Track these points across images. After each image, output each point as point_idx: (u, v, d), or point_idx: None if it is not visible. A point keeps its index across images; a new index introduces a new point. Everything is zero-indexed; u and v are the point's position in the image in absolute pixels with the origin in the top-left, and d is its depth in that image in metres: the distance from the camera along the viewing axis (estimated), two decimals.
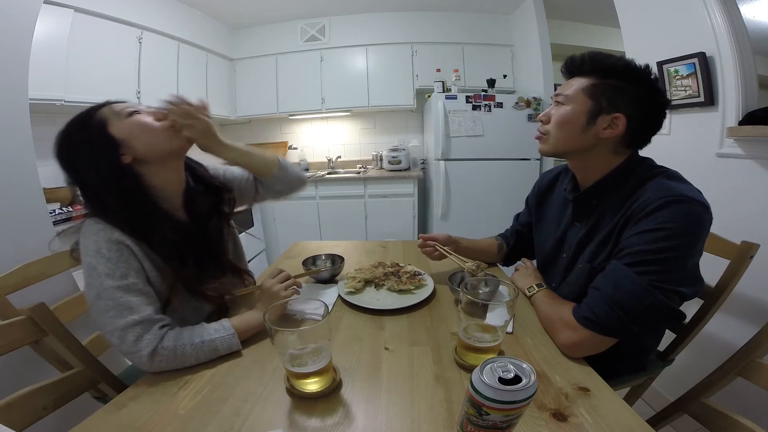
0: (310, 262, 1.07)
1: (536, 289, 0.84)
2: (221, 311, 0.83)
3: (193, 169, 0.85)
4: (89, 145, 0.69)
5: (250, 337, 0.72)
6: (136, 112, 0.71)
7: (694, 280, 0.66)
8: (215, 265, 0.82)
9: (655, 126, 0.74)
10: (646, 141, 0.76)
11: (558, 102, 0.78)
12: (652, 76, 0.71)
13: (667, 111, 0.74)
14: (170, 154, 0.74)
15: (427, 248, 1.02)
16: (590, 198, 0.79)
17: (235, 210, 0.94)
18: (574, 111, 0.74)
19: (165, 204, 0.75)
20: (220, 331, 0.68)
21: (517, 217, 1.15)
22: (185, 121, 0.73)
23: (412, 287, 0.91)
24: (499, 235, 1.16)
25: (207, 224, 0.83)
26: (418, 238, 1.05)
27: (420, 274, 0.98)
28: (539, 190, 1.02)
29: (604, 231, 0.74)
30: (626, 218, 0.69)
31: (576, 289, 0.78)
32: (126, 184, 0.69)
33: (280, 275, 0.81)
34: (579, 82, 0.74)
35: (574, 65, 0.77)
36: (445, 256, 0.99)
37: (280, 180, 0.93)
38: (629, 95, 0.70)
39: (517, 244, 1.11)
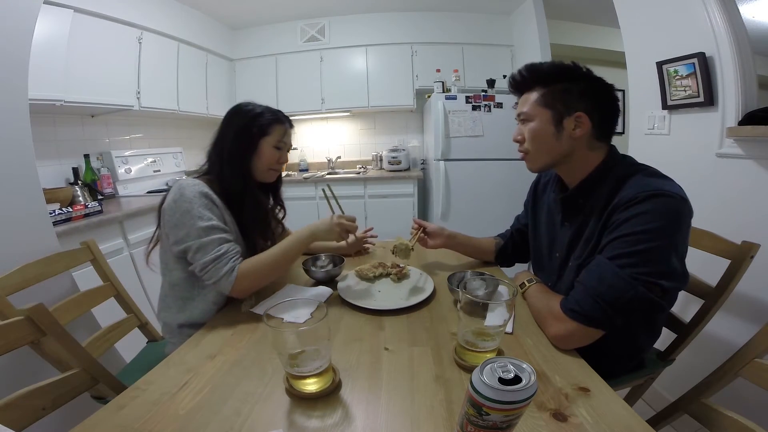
0: (310, 262, 1.07)
1: (527, 284, 0.85)
2: None
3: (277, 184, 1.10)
4: (244, 132, 0.94)
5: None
6: (279, 149, 0.98)
7: (675, 274, 0.66)
8: (263, 235, 1.02)
9: (614, 112, 0.79)
10: (613, 129, 0.80)
11: (522, 120, 0.82)
12: (584, 70, 0.77)
13: (617, 94, 0.78)
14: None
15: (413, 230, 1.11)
16: (577, 197, 0.82)
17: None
18: (539, 123, 0.79)
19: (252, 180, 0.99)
20: (289, 239, 0.90)
21: (518, 218, 1.15)
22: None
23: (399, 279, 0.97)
24: (498, 234, 1.17)
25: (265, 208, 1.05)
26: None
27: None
28: (534, 193, 1.04)
29: (589, 228, 0.77)
30: (608, 214, 0.71)
31: (570, 287, 0.78)
32: (241, 161, 0.95)
33: (349, 220, 0.94)
34: (530, 97, 0.80)
35: (518, 83, 0.83)
36: (427, 244, 1.09)
37: None
38: (576, 93, 0.75)
39: (517, 243, 1.11)
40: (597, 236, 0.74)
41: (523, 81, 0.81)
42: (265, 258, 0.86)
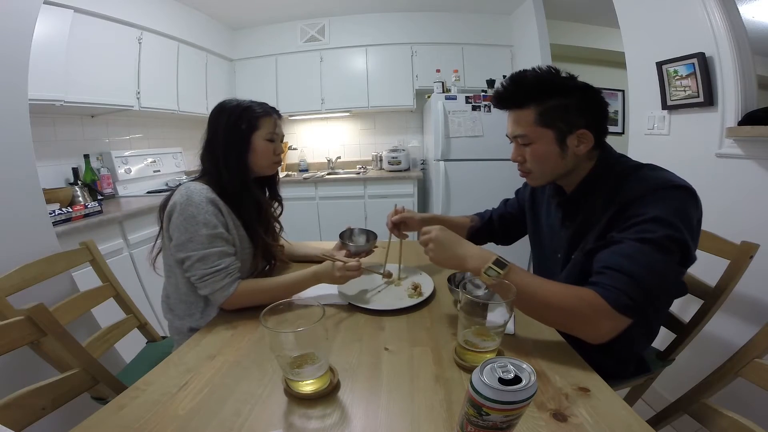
0: (347, 235, 1.07)
1: (496, 269, 0.67)
2: (268, 270, 1.10)
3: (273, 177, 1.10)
4: (233, 130, 0.92)
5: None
6: (272, 141, 0.96)
7: (691, 260, 0.67)
8: (266, 232, 1.01)
9: (607, 116, 0.77)
10: (606, 134, 0.78)
11: (520, 143, 0.80)
12: (568, 77, 0.74)
13: (606, 99, 0.76)
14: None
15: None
16: (576, 199, 0.82)
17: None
18: (544, 145, 0.76)
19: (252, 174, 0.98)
20: (291, 276, 0.88)
21: (506, 203, 1.16)
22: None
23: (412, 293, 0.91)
24: (476, 213, 1.18)
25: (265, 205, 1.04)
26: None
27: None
28: (533, 192, 1.03)
29: (594, 225, 0.76)
30: (620, 209, 0.70)
31: (570, 281, 0.77)
32: (238, 158, 0.93)
33: (351, 265, 0.87)
34: (525, 117, 0.76)
35: (504, 98, 0.78)
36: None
37: None
38: (575, 109, 0.73)
39: (496, 226, 1.13)
40: (604, 229, 0.73)
41: (510, 96, 0.78)
42: (266, 285, 0.87)
